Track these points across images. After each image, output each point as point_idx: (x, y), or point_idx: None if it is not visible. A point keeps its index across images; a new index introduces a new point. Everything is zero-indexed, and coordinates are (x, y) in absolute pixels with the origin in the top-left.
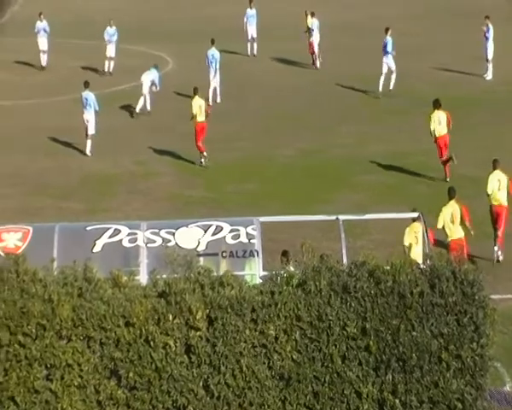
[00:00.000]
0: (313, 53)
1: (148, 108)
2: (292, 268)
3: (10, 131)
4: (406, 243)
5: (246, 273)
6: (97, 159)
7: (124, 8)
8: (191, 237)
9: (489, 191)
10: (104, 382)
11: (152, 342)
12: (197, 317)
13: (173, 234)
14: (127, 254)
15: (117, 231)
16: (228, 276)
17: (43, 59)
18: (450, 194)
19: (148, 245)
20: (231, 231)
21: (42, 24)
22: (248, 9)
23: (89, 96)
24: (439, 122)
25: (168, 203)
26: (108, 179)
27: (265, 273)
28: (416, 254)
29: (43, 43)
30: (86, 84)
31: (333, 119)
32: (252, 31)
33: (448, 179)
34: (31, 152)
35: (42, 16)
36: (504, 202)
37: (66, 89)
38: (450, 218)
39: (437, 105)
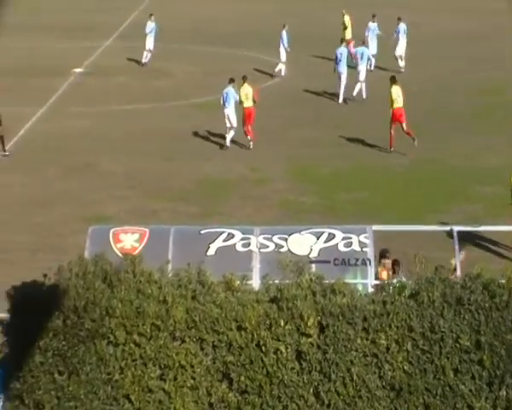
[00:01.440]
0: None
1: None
2: (404, 278)
3: (129, 134)
4: None
5: (358, 282)
6: (212, 163)
7: (235, 16)
8: (304, 243)
9: None
10: (216, 384)
11: (263, 347)
12: (308, 323)
13: (286, 240)
14: (240, 259)
15: (230, 236)
16: (340, 284)
17: (147, 56)
18: None
19: (261, 250)
20: (344, 238)
21: (152, 24)
22: (370, 23)
23: (229, 91)
24: (398, 95)
25: (281, 209)
26: (222, 184)
27: (377, 282)
28: None
29: (149, 42)
30: (231, 80)
31: (448, 129)
32: (373, 46)
33: (392, 149)
34: (148, 155)
35: (152, 17)
36: None
37: (184, 94)
38: None
39: (394, 80)
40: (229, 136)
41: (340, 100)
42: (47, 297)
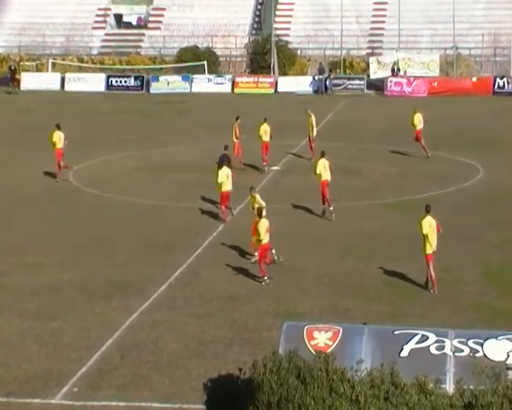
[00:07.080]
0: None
1: None
2: None
3: (323, 232)
4: None
5: None
6: (401, 264)
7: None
8: (500, 349)
9: None
10: None
11: None
12: None
13: (481, 345)
14: (433, 362)
15: (424, 337)
16: None
17: None
18: None
19: (456, 354)
20: None
21: None
22: None
23: None
24: (325, 168)
25: (475, 313)
26: (414, 285)
27: None
28: None
29: None
30: None
31: None
32: None
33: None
34: (343, 253)
35: None
36: None
37: (378, 194)
38: None
39: (323, 154)
40: None
41: None
42: (241, 391)
